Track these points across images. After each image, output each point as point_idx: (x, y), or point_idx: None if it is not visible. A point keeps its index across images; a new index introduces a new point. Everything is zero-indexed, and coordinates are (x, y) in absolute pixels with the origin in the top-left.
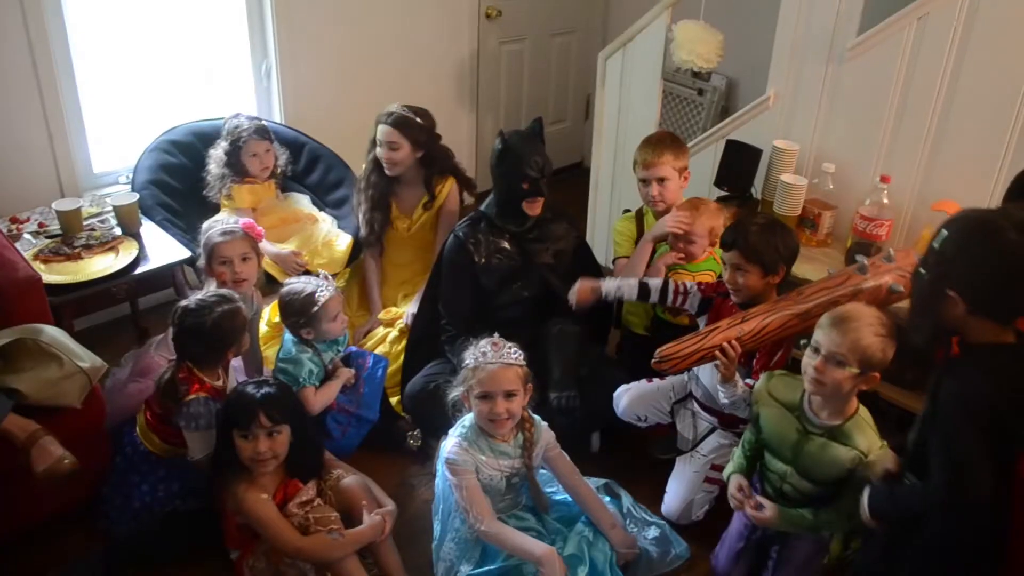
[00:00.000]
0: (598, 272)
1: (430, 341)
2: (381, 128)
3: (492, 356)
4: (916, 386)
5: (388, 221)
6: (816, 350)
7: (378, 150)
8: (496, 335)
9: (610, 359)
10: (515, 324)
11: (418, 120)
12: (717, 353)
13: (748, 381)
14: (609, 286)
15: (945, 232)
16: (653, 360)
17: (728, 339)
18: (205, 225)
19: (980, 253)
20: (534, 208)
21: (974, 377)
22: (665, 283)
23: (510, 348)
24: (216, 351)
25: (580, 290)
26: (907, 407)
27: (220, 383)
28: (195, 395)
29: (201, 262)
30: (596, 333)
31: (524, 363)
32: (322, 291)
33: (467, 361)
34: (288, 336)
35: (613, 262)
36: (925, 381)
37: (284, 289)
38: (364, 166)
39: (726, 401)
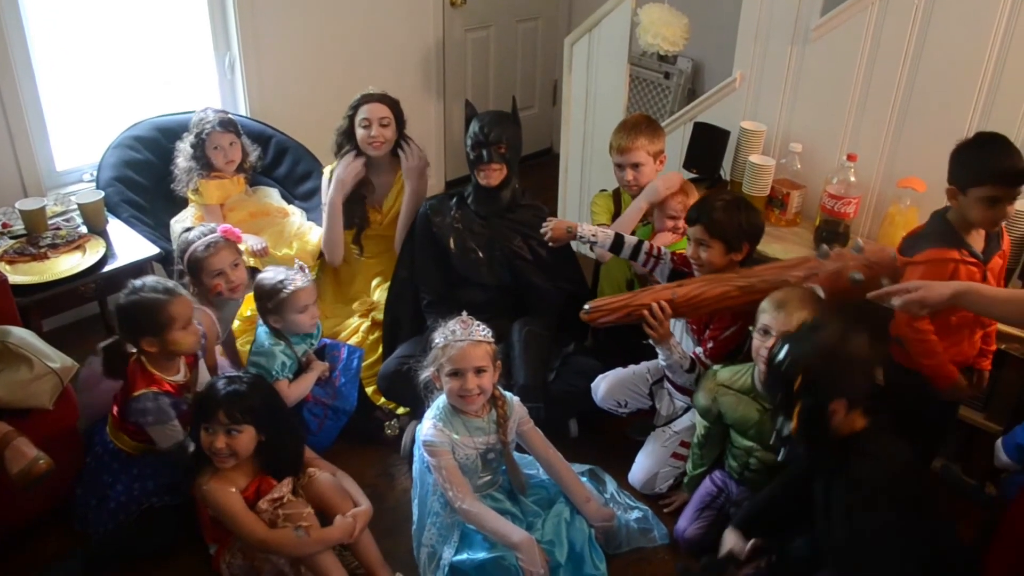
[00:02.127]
0: (575, 264)
1: (405, 321)
2: (370, 107)
3: (461, 334)
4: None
5: (366, 216)
6: (766, 332)
7: (361, 132)
8: (464, 314)
9: (585, 347)
10: (480, 311)
11: (394, 98)
12: (645, 313)
13: (697, 350)
14: (585, 229)
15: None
16: (581, 311)
17: (658, 299)
18: (175, 229)
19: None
20: (487, 178)
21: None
22: (640, 242)
23: (478, 326)
24: (132, 336)
25: (555, 227)
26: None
27: (180, 378)
28: (142, 391)
29: (185, 279)
30: (573, 334)
31: (492, 340)
32: (292, 279)
33: (436, 340)
34: (261, 329)
35: (592, 247)
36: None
37: (259, 276)
38: (333, 166)
39: (663, 363)
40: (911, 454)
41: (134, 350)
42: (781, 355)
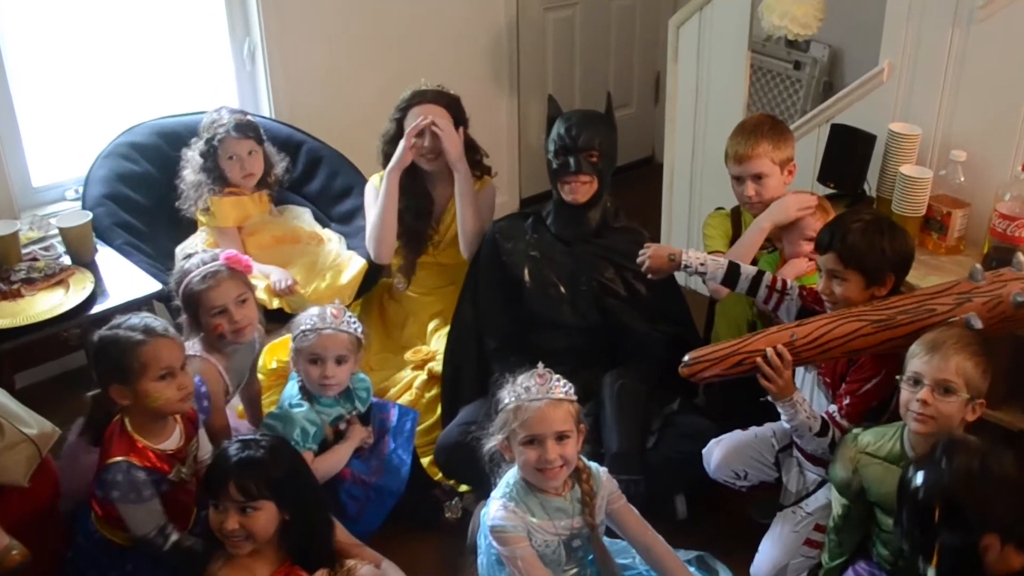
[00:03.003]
0: (681, 301)
1: (471, 375)
2: (423, 109)
3: (536, 391)
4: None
5: (424, 236)
6: (916, 382)
7: (412, 140)
8: (541, 366)
9: (695, 404)
10: (559, 361)
11: (453, 94)
12: (759, 361)
13: (831, 409)
14: (691, 257)
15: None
16: (680, 365)
17: (774, 343)
18: (179, 256)
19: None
20: (573, 193)
21: None
22: (760, 273)
23: (558, 380)
24: (101, 382)
25: (655, 255)
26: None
27: (171, 445)
28: (115, 460)
29: (181, 317)
30: (678, 389)
31: (576, 398)
32: (315, 322)
33: (506, 400)
34: (292, 384)
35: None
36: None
37: (296, 318)
38: (380, 176)
39: (786, 426)
40: None
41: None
42: (915, 483)
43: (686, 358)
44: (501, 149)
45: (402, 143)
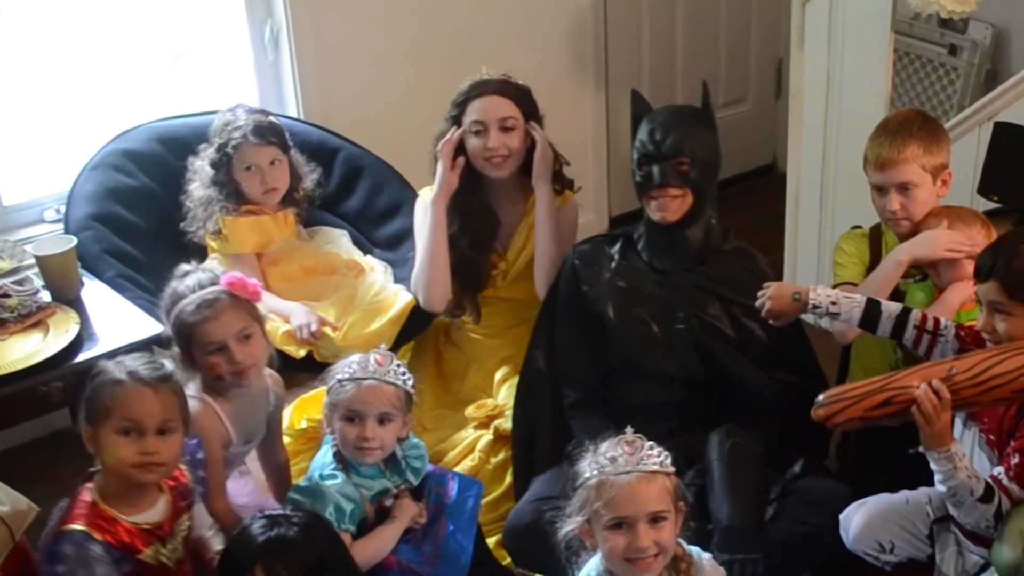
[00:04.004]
0: (805, 343)
1: (547, 436)
2: (485, 104)
3: (624, 462)
4: None
5: (487, 264)
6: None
7: (473, 142)
8: (630, 431)
9: (823, 465)
10: (653, 419)
11: (523, 85)
12: (917, 394)
13: (996, 471)
14: (821, 296)
15: None
16: (814, 406)
17: (929, 378)
18: (173, 282)
19: None
20: (662, 209)
21: None
22: (905, 311)
23: (651, 449)
24: (77, 416)
25: (776, 295)
26: None
27: (152, 518)
28: (71, 527)
29: (175, 350)
30: (801, 447)
31: (673, 469)
32: (354, 371)
33: (586, 473)
34: (325, 450)
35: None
36: None
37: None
38: (431, 189)
39: (942, 488)
40: None
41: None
42: None
43: (820, 397)
44: (585, 156)
45: (440, 161)
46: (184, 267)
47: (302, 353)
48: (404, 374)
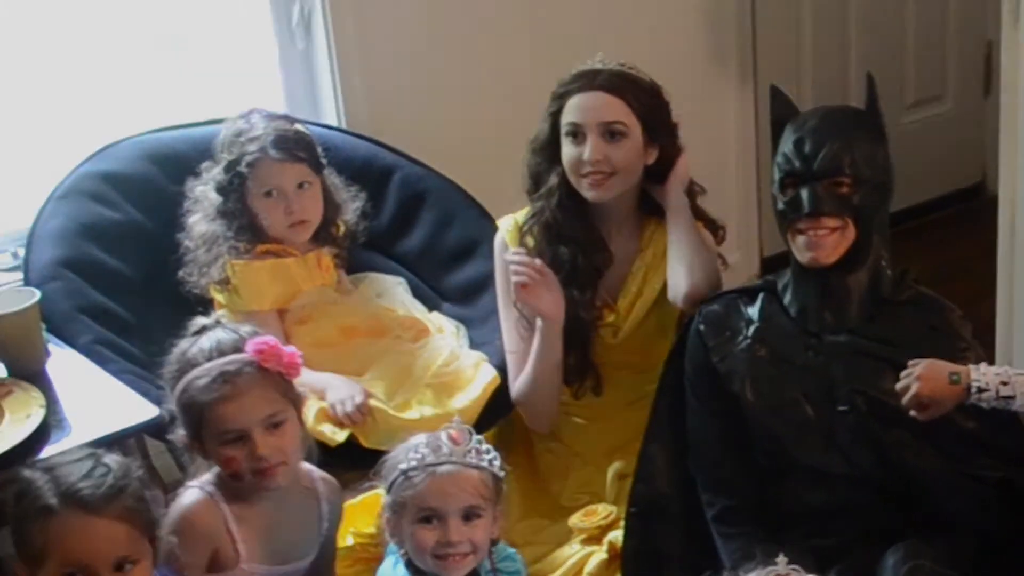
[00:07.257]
0: (1015, 426)
1: (675, 547)
2: (583, 99)
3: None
4: None
5: (596, 316)
6: None
7: (569, 150)
8: (782, 561)
9: None
10: (816, 530)
11: (647, 82)
12: None
13: None
14: (987, 377)
15: None
16: None
17: None
18: (185, 342)
19: None
20: (811, 248)
21: None
22: None
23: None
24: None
25: (927, 375)
26: None
27: None
28: None
29: (179, 432)
30: (1008, 566)
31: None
32: (423, 456)
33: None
34: (391, 562)
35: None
36: None
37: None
38: (518, 221)
39: None
40: None
41: None
42: None
43: None
44: (726, 177)
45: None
46: (201, 321)
47: (340, 437)
48: (488, 452)
